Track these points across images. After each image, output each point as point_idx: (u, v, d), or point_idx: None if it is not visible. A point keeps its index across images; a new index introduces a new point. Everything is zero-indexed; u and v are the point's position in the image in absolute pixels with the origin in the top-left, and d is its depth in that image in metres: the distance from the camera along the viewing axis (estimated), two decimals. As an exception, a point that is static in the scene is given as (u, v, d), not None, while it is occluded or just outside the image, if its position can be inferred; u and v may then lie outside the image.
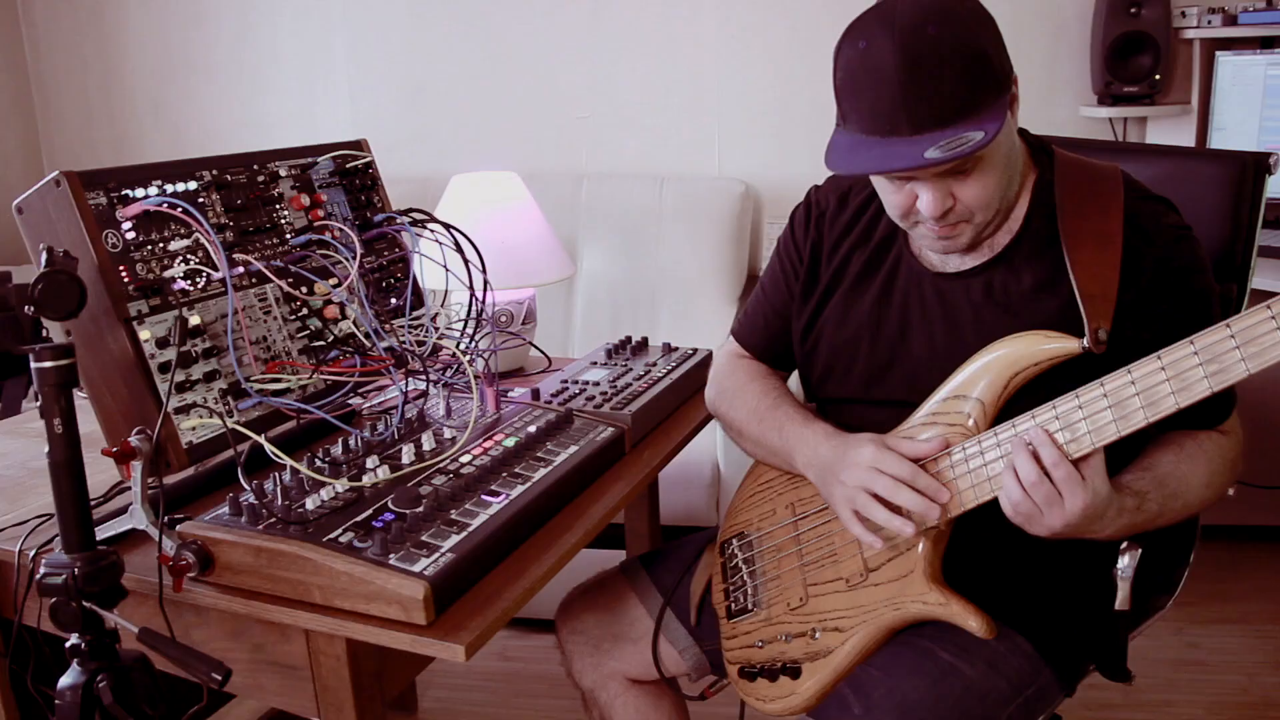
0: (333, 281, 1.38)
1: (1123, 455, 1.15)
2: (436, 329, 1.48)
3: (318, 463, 1.19)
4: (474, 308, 1.45)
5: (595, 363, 1.63)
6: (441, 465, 1.21)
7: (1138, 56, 2.73)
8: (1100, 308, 1.10)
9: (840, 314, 1.32)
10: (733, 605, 1.37)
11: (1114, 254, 1.12)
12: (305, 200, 1.41)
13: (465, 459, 1.23)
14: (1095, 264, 1.12)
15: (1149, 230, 1.14)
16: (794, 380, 1.45)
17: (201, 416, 1.21)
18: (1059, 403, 1.07)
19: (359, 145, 1.53)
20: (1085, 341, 1.08)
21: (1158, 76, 2.72)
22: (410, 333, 1.42)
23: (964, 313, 1.21)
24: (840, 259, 1.32)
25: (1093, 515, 1.06)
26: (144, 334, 1.18)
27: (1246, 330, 0.97)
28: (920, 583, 1.16)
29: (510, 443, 1.28)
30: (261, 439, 1.19)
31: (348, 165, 1.50)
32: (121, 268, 1.18)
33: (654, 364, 1.61)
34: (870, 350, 1.28)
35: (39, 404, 0.99)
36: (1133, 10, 2.70)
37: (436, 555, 1.02)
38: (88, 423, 1.11)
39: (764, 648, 1.30)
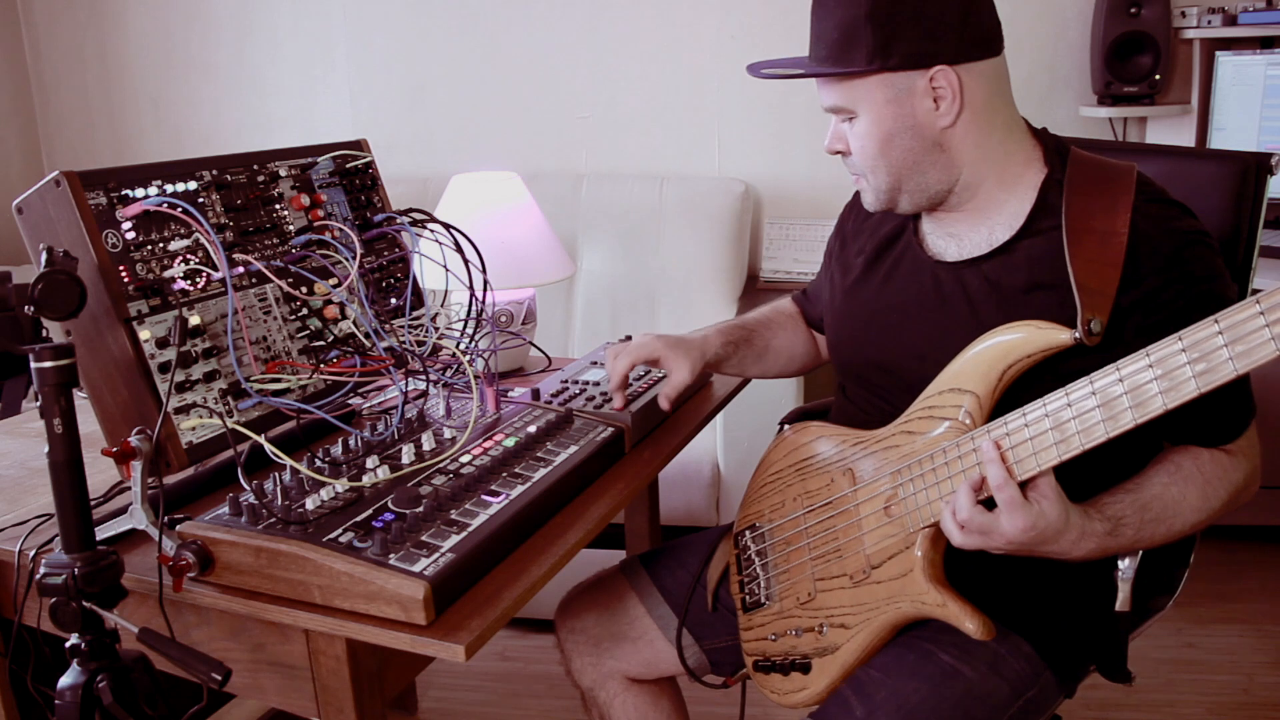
0: (333, 281, 1.38)
1: (1118, 471, 1.15)
2: (436, 329, 1.48)
3: (318, 463, 1.19)
4: (474, 308, 1.45)
5: (595, 363, 1.63)
6: (441, 465, 1.21)
7: (1138, 56, 2.73)
8: (1096, 301, 1.09)
9: (853, 298, 1.37)
10: (747, 598, 1.37)
11: (1116, 252, 1.11)
12: (305, 200, 1.41)
13: (465, 459, 1.23)
14: (1095, 260, 1.12)
15: (1153, 235, 1.13)
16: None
17: (201, 416, 1.21)
18: (1027, 410, 1.07)
19: (359, 145, 1.53)
20: (1077, 332, 1.07)
21: (1158, 76, 2.72)
22: (410, 333, 1.42)
23: (958, 302, 1.22)
24: (863, 239, 1.39)
25: (1040, 539, 1.05)
26: (144, 334, 1.18)
27: (1234, 327, 0.93)
28: (920, 582, 1.16)
29: (510, 443, 1.28)
30: (261, 439, 1.19)
31: (348, 165, 1.50)
32: (121, 268, 1.18)
33: (654, 364, 1.60)
34: (873, 335, 1.32)
35: (39, 404, 0.99)
36: (1133, 10, 2.70)
37: (436, 555, 1.02)
38: (88, 423, 1.11)
39: (777, 641, 1.31)
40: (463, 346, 1.44)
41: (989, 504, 1.07)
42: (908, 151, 1.20)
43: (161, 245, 1.23)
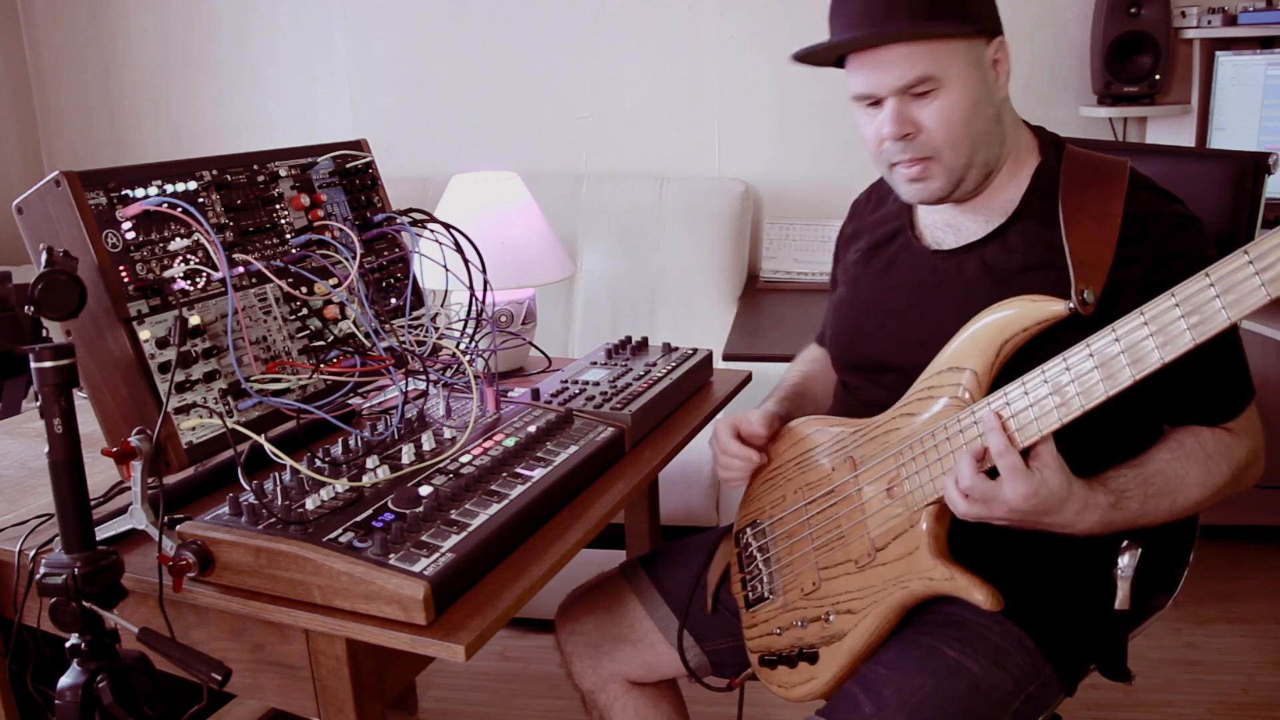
0: (333, 281, 1.38)
1: (1121, 455, 1.15)
2: (436, 329, 1.48)
3: (318, 463, 1.19)
4: (474, 308, 1.45)
5: (595, 363, 1.63)
6: (441, 465, 1.21)
7: (1138, 56, 2.73)
8: (1090, 274, 1.11)
9: (851, 294, 1.40)
10: (750, 594, 1.37)
11: (1111, 231, 1.14)
12: (305, 200, 1.41)
13: (465, 459, 1.23)
14: (1090, 237, 1.14)
15: (1145, 218, 1.15)
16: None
17: (201, 416, 1.21)
18: (1026, 379, 1.08)
19: (359, 145, 1.53)
20: (1071, 302, 1.08)
21: (1158, 76, 2.72)
22: (410, 333, 1.42)
23: (956, 289, 1.24)
24: (862, 244, 1.41)
25: (1043, 507, 1.06)
26: (144, 334, 1.18)
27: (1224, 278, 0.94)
28: (926, 558, 1.15)
29: (510, 443, 1.28)
30: (261, 439, 1.19)
31: (348, 165, 1.50)
32: (121, 268, 1.18)
33: (654, 364, 1.61)
34: (871, 328, 1.34)
35: (39, 404, 0.99)
36: (1133, 10, 2.70)
37: (436, 555, 1.02)
38: (88, 423, 1.11)
39: (782, 634, 1.30)
40: (463, 346, 1.44)
41: (992, 477, 1.08)
42: (986, 120, 1.20)
43: (161, 245, 1.23)
